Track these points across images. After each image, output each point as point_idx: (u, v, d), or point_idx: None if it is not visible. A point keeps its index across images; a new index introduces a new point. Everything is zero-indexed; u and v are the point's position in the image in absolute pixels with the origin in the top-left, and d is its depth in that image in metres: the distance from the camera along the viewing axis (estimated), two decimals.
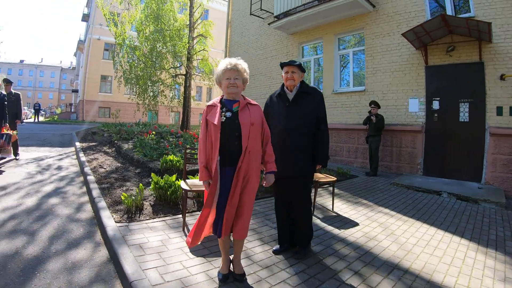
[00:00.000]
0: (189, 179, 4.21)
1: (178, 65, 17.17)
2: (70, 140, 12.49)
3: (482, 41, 6.96)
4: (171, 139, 10.59)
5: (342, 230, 4.06)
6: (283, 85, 3.26)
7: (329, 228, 4.12)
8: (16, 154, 7.81)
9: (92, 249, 3.26)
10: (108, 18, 15.79)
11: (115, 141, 10.25)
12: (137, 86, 15.88)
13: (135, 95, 16.15)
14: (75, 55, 49.06)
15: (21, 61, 74.58)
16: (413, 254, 3.38)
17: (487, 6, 7.02)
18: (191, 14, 16.73)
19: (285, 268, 2.90)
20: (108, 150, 9.39)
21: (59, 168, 7.19)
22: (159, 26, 15.07)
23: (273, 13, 11.45)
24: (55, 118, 30.47)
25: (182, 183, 3.88)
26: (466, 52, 7.34)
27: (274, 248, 3.26)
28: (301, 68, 3.15)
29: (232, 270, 2.66)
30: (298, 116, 3.10)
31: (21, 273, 2.65)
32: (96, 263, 2.98)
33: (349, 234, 3.92)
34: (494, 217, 5.08)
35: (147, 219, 3.86)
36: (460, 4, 7.74)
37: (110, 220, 3.71)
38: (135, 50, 15.71)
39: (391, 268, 3.00)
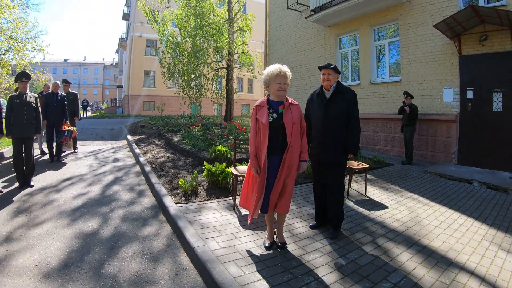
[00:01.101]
0: (237, 166, 4.84)
1: (220, 59, 17.87)
2: (120, 133, 13.55)
3: None
4: (216, 130, 11.32)
5: (372, 212, 4.55)
6: (322, 85, 3.75)
7: (361, 210, 4.62)
8: (75, 148, 8.81)
9: (158, 226, 3.98)
10: (149, 18, 16.69)
11: (164, 134, 11.14)
12: (181, 80, 16.77)
13: (178, 89, 17.04)
14: (117, 52, 51.35)
15: (65, 60, 78.64)
16: (433, 234, 3.81)
17: None
18: (229, 10, 17.31)
19: (319, 239, 3.48)
20: (158, 142, 10.25)
21: (116, 159, 8.08)
22: (199, 23, 15.76)
23: (309, 7, 11.78)
24: (102, 113, 32.44)
25: (232, 170, 4.53)
26: (499, 41, 7.36)
27: (311, 224, 3.87)
28: (336, 70, 3.61)
29: (275, 240, 3.28)
30: (334, 111, 3.57)
31: (102, 245, 3.36)
32: (162, 236, 3.68)
33: (378, 215, 4.40)
34: None
35: (202, 201, 4.56)
36: None
37: (170, 202, 4.44)
38: (178, 46, 16.54)
39: (410, 244, 3.47)
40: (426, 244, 3.50)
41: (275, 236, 3.33)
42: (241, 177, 4.49)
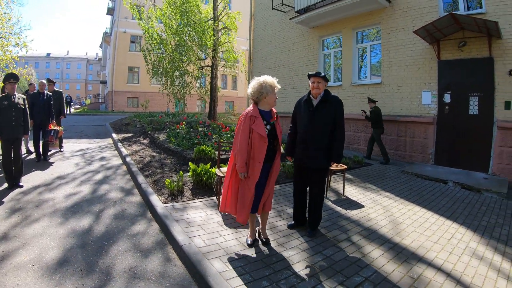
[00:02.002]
0: (221, 167, 5.01)
1: (204, 57, 17.95)
2: (105, 131, 13.46)
3: (492, 37, 7.29)
4: (200, 129, 11.43)
5: (349, 210, 4.81)
6: (309, 92, 3.86)
7: (338, 208, 4.88)
8: (60, 146, 8.75)
9: (146, 224, 4.13)
10: (135, 14, 16.64)
11: (149, 132, 11.18)
12: (165, 77, 16.79)
13: (162, 86, 17.04)
14: (100, 46, 50.65)
15: (48, 54, 76.89)
16: (405, 232, 4.09)
17: (498, 2, 7.32)
18: (215, 8, 17.40)
19: (297, 237, 3.72)
20: (143, 141, 10.29)
21: (102, 159, 8.10)
22: (185, 20, 15.79)
23: (294, 8, 12.00)
24: (85, 109, 31.98)
25: (217, 171, 4.72)
26: (477, 48, 7.71)
27: (288, 223, 4.06)
28: (325, 79, 3.73)
29: (257, 237, 3.53)
30: (319, 120, 3.68)
31: (95, 244, 3.51)
32: (150, 234, 3.84)
33: (354, 214, 4.66)
34: (492, 206, 5.59)
35: (188, 200, 4.73)
36: (472, 2, 8.05)
37: (158, 201, 4.60)
38: (162, 43, 16.54)
39: (383, 242, 3.74)
40: (398, 242, 3.76)
41: (256, 234, 3.56)
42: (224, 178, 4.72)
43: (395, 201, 5.44)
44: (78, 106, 40.89)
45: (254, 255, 3.21)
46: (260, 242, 3.50)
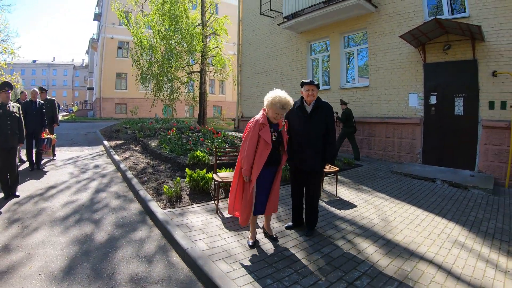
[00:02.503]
0: (218, 172, 5.14)
1: (192, 63, 18.04)
2: (96, 138, 13.45)
3: (475, 40, 7.57)
4: (191, 134, 11.52)
5: (342, 210, 4.99)
6: (302, 98, 4.00)
7: (332, 209, 5.06)
8: (53, 155, 8.74)
9: (147, 230, 4.24)
10: (123, 20, 16.69)
11: (141, 138, 11.22)
12: (153, 83, 16.85)
13: (151, 92, 17.08)
14: (87, 52, 50.19)
15: (34, 61, 75.63)
16: (397, 229, 4.29)
17: (480, 6, 7.62)
18: (203, 13, 17.56)
19: (296, 237, 3.88)
20: (135, 147, 10.30)
21: (96, 166, 8.12)
22: (174, 26, 15.89)
23: (282, 13, 12.22)
24: (74, 116, 31.70)
25: (214, 176, 4.86)
26: (461, 51, 7.99)
27: (286, 225, 4.22)
28: (318, 86, 3.95)
29: (257, 239, 3.71)
30: (314, 125, 3.86)
31: (99, 251, 3.60)
32: (153, 240, 3.95)
33: (347, 214, 4.85)
34: (479, 201, 5.84)
35: (186, 205, 4.85)
36: (456, 5, 8.38)
37: (157, 208, 4.70)
38: (151, 49, 16.62)
39: (377, 238, 3.93)
40: (391, 238, 3.95)
41: (265, 231, 3.84)
42: (222, 183, 4.93)
43: (386, 200, 5.65)
44: (66, 113, 40.42)
45: (257, 255, 3.35)
46: (261, 236, 3.80)
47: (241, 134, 13.26)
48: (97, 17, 34.53)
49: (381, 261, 3.32)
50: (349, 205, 5.29)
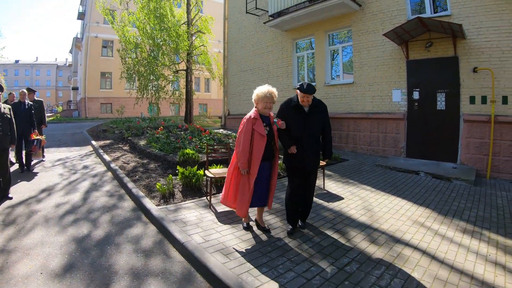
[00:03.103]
0: (210, 169, 5.27)
1: (178, 62, 18.05)
2: (83, 139, 13.33)
3: (456, 38, 7.85)
4: (178, 133, 11.58)
5: (330, 203, 5.20)
6: (297, 97, 3.93)
7: (320, 201, 5.26)
8: (43, 156, 8.67)
9: (143, 227, 4.34)
10: (108, 18, 16.59)
11: (129, 138, 11.22)
12: (139, 82, 16.81)
13: (136, 91, 17.02)
14: (70, 52, 49.24)
15: (16, 61, 74.05)
16: (383, 219, 4.52)
17: (461, 5, 7.89)
18: (188, 12, 17.57)
19: (287, 229, 4.01)
20: (124, 147, 10.27)
21: (86, 167, 8.10)
22: (159, 24, 15.86)
23: (267, 11, 12.35)
24: (59, 117, 31.25)
25: (207, 173, 4.99)
26: (443, 48, 8.27)
27: (288, 230, 3.98)
28: (314, 92, 3.87)
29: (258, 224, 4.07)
30: (313, 125, 3.90)
31: (97, 248, 3.68)
32: (149, 236, 4.07)
33: (335, 205, 5.06)
34: (461, 192, 6.12)
35: (179, 202, 4.98)
36: (439, 3, 8.64)
37: (151, 205, 4.82)
38: (137, 47, 16.57)
39: (364, 228, 4.15)
40: (377, 227, 4.17)
41: (258, 223, 4.08)
42: (214, 179, 5.08)
43: (372, 192, 5.88)
44: (51, 114, 39.78)
45: (251, 246, 3.52)
46: (255, 228, 4.04)
47: (229, 132, 13.45)
48: (81, 15, 33.97)
49: (368, 248, 3.52)
50: (337, 198, 5.49)
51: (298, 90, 3.85)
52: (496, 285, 2.91)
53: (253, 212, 4.39)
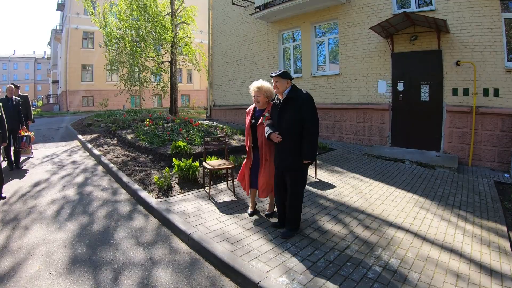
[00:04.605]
0: (207, 160, 5.43)
1: (159, 50, 17.91)
2: (69, 133, 13.13)
3: (440, 32, 8.12)
4: (166, 125, 11.57)
5: (324, 191, 5.43)
6: None
7: (314, 190, 5.48)
8: (31, 152, 8.50)
9: (144, 220, 4.44)
10: (90, 10, 16.31)
11: (116, 131, 11.17)
12: (121, 73, 16.69)
13: (119, 82, 16.90)
14: (49, 44, 47.76)
15: None
16: (374, 205, 4.78)
17: (446, 1, 8.16)
18: (172, 2, 17.39)
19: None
20: (112, 141, 10.17)
21: (76, 162, 8.01)
22: (142, 16, 15.69)
23: (253, 3, 12.40)
24: (39, 111, 30.49)
25: (205, 164, 5.11)
26: (427, 41, 8.55)
27: (273, 222, 4.00)
28: (283, 76, 3.56)
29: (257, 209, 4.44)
30: (284, 119, 3.55)
31: (101, 243, 3.71)
32: (151, 228, 4.17)
33: (329, 193, 5.30)
34: (445, 179, 6.44)
35: (178, 194, 5.10)
36: None
37: (150, 198, 4.92)
38: (120, 38, 16.37)
39: (358, 214, 4.39)
40: (370, 213, 4.43)
41: (256, 207, 4.42)
42: (214, 171, 5.34)
43: (362, 180, 6.13)
44: (32, 108, 38.71)
45: (255, 234, 3.70)
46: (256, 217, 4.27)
47: (215, 123, 13.57)
48: (60, 6, 32.88)
49: (364, 232, 3.76)
50: (329, 186, 5.72)
51: None
52: (482, 262, 3.18)
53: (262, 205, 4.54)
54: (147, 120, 12.10)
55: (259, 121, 3.94)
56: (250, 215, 4.24)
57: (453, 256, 3.28)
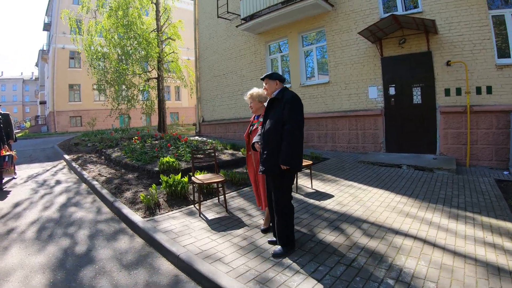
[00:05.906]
0: (196, 175, 5.09)
1: (146, 66, 17.70)
2: (55, 153, 12.78)
3: (429, 33, 8.06)
4: (154, 142, 11.27)
5: (322, 201, 5.13)
6: None
7: (311, 201, 5.18)
8: (14, 173, 8.12)
9: (129, 240, 4.09)
10: (74, 29, 16.10)
11: (102, 150, 10.82)
12: (109, 92, 16.41)
13: (107, 101, 16.60)
14: (37, 65, 47.37)
15: None
16: (376, 212, 4.49)
17: (433, 2, 8.12)
18: (157, 19, 17.25)
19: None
20: (98, 159, 9.86)
21: (60, 181, 7.67)
22: (127, 33, 15.51)
23: (239, 15, 12.29)
24: (27, 133, 29.91)
25: (194, 179, 4.79)
26: (416, 44, 8.46)
27: (269, 240, 3.65)
28: (271, 77, 3.45)
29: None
30: (268, 121, 3.37)
31: (85, 267, 3.38)
32: (137, 249, 3.82)
33: (327, 203, 4.99)
34: (446, 181, 6.22)
35: (166, 212, 4.74)
36: (409, 1, 8.87)
37: (136, 216, 4.57)
38: (105, 57, 16.16)
39: (361, 223, 4.09)
40: (373, 221, 4.14)
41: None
42: (204, 185, 4.94)
43: (360, 188, 5.86)
44: (19, 130, 38.04)
45: (251, 252, 3.38)
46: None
47: (204, 138, 13.28)
48: (46, 26, 32.63)
49: (370, 243, 3.46)
50: (327, 196, 5.43)
51: None
52: (499, 265, 2.93)
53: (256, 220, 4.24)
54: (135, 137, 11.77)
55: (254, 128, 3.87)
56: (263, 231, 3.93)
57: (468, 260, 3.02)
